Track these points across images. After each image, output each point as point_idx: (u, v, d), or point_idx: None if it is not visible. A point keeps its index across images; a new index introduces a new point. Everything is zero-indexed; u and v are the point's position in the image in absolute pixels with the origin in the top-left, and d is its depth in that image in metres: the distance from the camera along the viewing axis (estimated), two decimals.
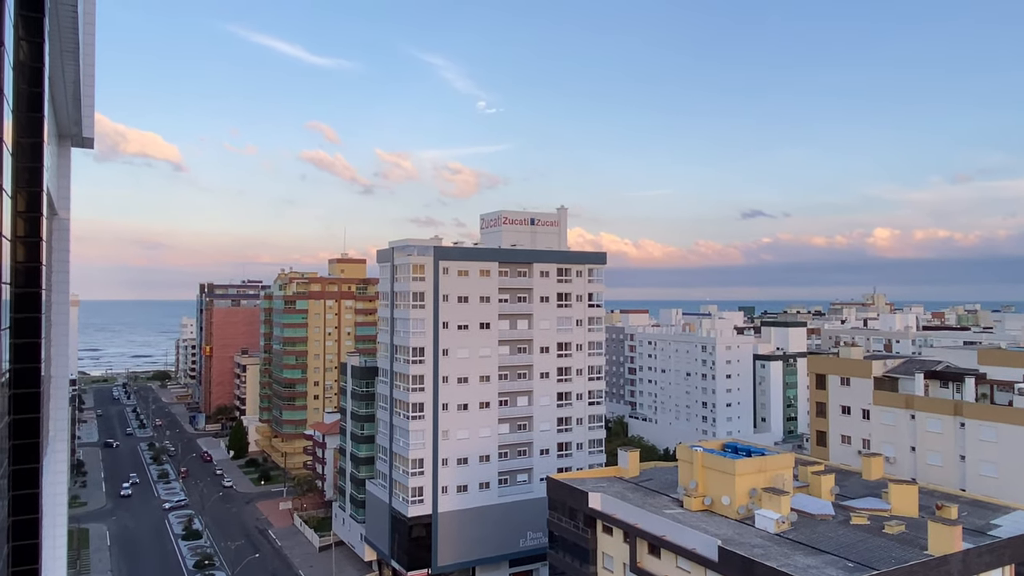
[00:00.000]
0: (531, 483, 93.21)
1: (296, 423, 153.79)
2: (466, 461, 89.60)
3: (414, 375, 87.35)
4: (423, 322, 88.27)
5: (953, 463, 65.68)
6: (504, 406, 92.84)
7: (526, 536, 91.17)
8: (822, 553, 46.03)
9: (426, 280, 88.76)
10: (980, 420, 63.62)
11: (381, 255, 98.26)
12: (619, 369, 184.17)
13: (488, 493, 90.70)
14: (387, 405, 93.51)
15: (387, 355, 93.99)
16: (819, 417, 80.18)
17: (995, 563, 46.57)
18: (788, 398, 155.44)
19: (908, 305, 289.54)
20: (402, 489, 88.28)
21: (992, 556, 46.39)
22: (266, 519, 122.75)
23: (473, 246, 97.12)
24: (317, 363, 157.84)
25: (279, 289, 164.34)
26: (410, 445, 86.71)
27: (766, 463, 56.51)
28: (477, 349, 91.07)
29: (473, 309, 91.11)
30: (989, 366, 71.36)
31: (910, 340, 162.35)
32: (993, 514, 53.93)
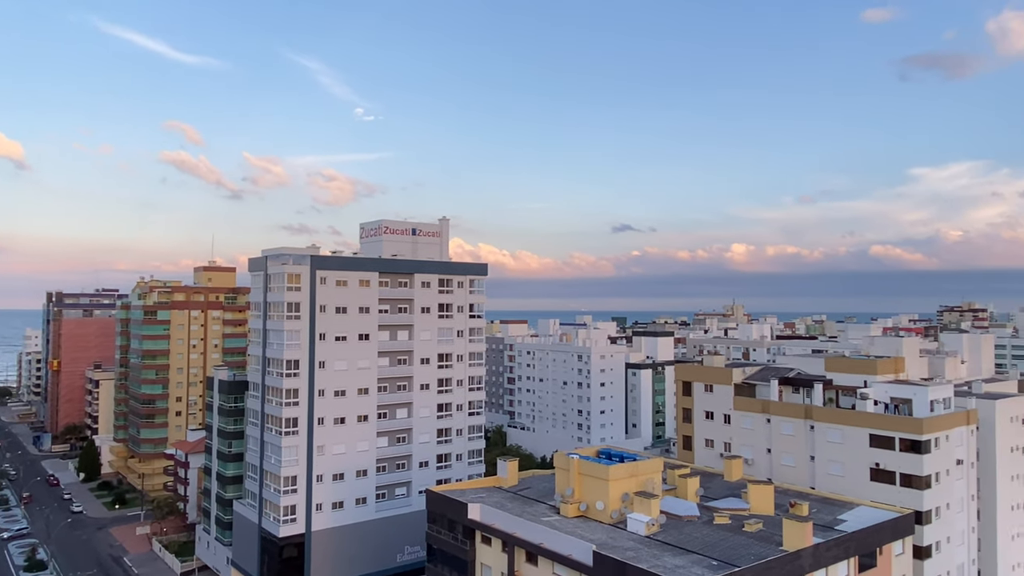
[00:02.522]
0: (410, 496, 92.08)
1: (156, 442, 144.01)
2: (342, 477, 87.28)
3: (288, 389, 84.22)
4: (298, 334, 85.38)
5: (804, 463, 70.95)
6: (383, 419, 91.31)
7: (404, 551, 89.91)
8: (689, 553, 48.38)
9: (302, 290, 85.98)
10: (827, 423, 69.15)
11: (253, 264, 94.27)
12: (498, 379, 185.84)
13: (365, 509, 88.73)
14: (258, 421, 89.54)
15: (259, 368, 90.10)
16: (685, 422, 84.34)
17: (842, 555, 50.72)
18: (657, 404, 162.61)
19: (763, 316, 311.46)
20: (273, 508, 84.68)
21: (839, 549, 50.50)
22: (121, 546, 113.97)
23: (352, 255, 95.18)
24: (180, 377, 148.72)
25: (138, 298, 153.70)
26: (282, 462, 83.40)
27: (637, 468, 58.77)
28: (356, 361, 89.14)
29: (352, 320, 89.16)
30: (835, 373, 77.67)
31: (765, 348, 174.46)
32: (839, 510, 58.74)
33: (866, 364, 75.98)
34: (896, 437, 63.49)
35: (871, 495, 63.52)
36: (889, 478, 63.62)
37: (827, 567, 49.39)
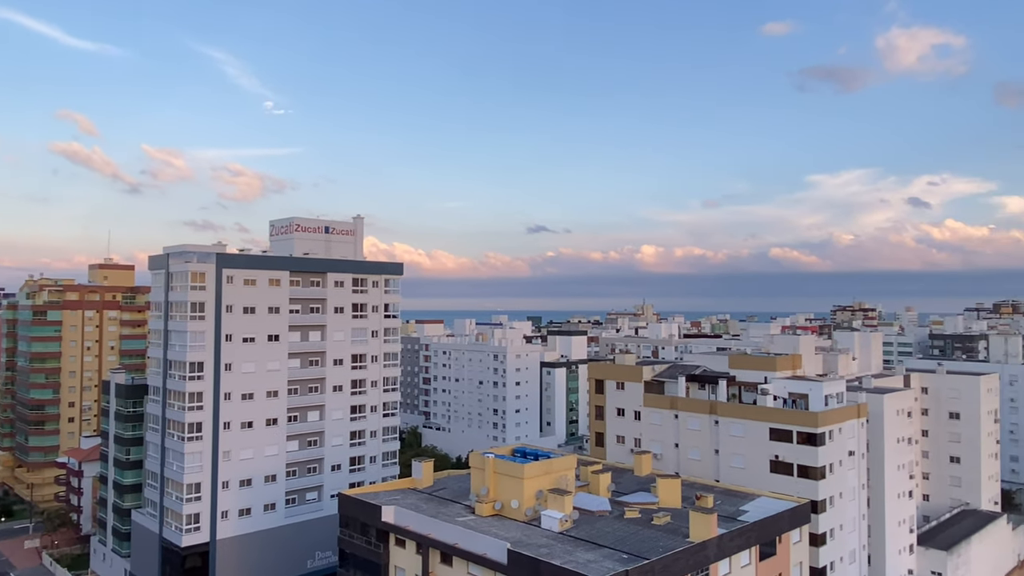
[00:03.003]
0: (321, 501, 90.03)
1: (46, 450, 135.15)
2: (250, 483, 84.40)
3: (191, 392, 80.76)
4: (203, 335, 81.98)
5: (709, 457, 73.74)
6: (293, 422, 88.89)
7: (315, 557, 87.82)
8: (601, 547, 49.40)
9: (207, 289, 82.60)
10: (731, 418, 72.12)
11: (154, 261, 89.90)
12: (414, 379, 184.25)
13: (274, 515, 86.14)
14: (159, 426, 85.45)
15: (160, 371, 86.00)
16: (598, 419, 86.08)
17: (744, 545, 52.99)
18: (571, 402, 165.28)
19: (672, 315, 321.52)
20: (175, 517, 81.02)
21: (742, 539, 52.73)
22: (7, 560, 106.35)
23: (262, 254, 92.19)
24: (73, 382, 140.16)
25: (26, 298, 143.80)
26: (185, 469, 79.89)
27: (551, 465, 59.55)
28: (264, 363, 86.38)
29: (261, 320, 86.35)
30: (738, 369, 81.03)
31: (674, 347, 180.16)
32: (742, 501, 61.33)
33: (766, 361, 79.60)
34: (794, 430, 66.86)
35: (771, 486, 66.64)
36: (787, 470, 66.93)
37: (730, 556, 51.49)
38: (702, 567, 49.25)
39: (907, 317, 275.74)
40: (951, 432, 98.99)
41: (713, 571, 50.07)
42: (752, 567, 53.65)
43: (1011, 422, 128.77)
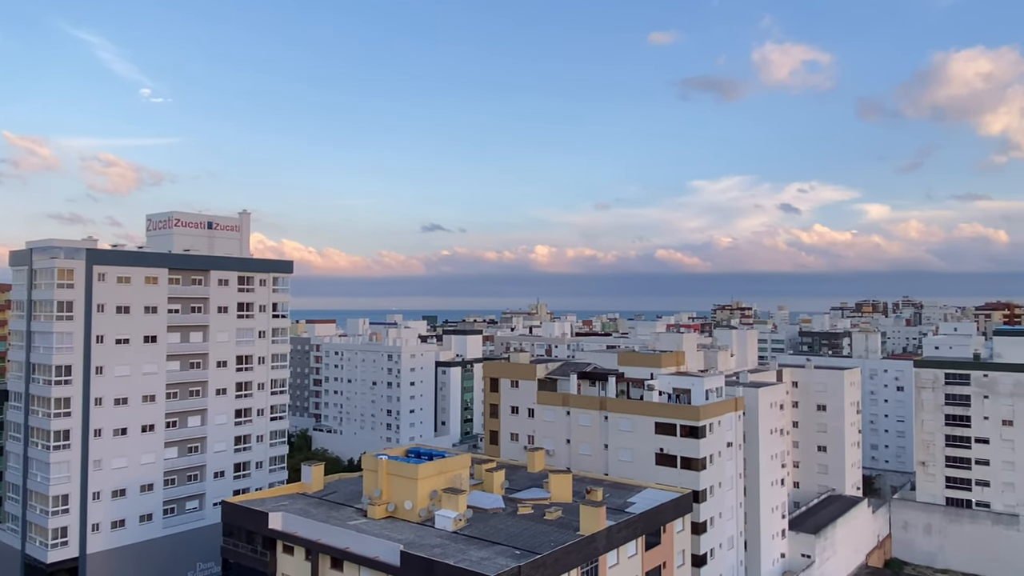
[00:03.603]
0: (203, 510, 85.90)
1: None
2: (124, 493, 79.38)
3: (57, 398, 75.06)
4: (70, 336, 76.36)
5: (599, 452, 75.87)
6: (173, 428, 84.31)
7: (196, 568, 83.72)
8: (494, 544, 49.83)
9: (76, 287, 76.98)
10: (619, 413, 74.48)
11: (15, 257, 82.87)
12: (304, 381, 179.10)
13: (151, 526, 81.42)
14: (20, 435, 78.90)
15: (21, 375, 79.40)
16: (492, 418, 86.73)
17: (631, 536, 54.91)
18: (466, 401, 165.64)
19: (565, 314, 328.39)
20: (40, 532, 75.08)
21: (629, 530, 54.61)
22: None
23: (138, 250, 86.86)
24: None
25: None
26: (51, 480, 74.18)
27: (445, 465, 59.49)
28: (140, 366, 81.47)
29: (136, 321, 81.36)
30: (626, 366, 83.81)
31: (566, 345, 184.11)
32: (629, 493, 63.50)
33: (653, 358, 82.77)
34: (677, 424, 69.89)
35: (657, 478, 69.36)
36: (671, 462, 69.89)
37: (618, 547, 53.24)
38: (591, 559, 50.66)
39: (780, 316, 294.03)
40: (818, 423, 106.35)
41: (602, 562, 51.61)
42: (638, 557, 55.66)
43: (871, 413, 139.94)
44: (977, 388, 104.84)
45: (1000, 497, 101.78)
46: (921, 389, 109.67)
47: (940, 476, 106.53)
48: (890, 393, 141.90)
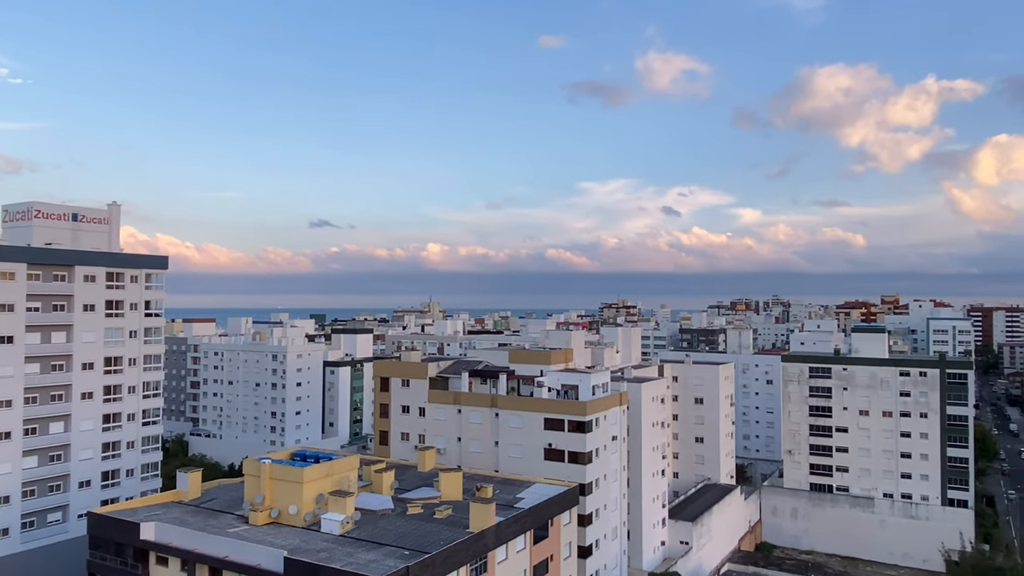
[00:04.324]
0: (67, 522, 79.89)
1: None
2: None
3: None
4: None
5: (490, 448, 76.51)
6: (32, 435, 77.89)
7: None
8: (383, 546, 49.22)
9: None
10: (510, 410, 75.40)
11: None
12: (180, 383, 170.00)
13: (8, 541, 74.89)
14: None
15: None
16: (383, 417, 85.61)
17: (520, 530, 55.69)
18: (355, 402, 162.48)
19: (457, 312, 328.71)
20: None
21: (518, 525, 55.36)
22: None
23: None
24: None
25: None
26: None
27: (333, 467, 58.15)
28: None
29: None
30: (517, 364, 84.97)
31: (458, 343, 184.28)
32: (519, 489, 64.39)
33: (543, 355, 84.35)
34: (565, 419, 71.55)
35: (545, 473, 70.74)
36: (559, 456, 71.48)
37: (507, 542, 53.88)
38: (480, 555, 51.01)
39: (662, 313, 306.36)
40: (696, 415, 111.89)
41: (491, 558, 52.07)
42: (527, 551, 56.57)
43: (743, 405, 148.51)
44: (837, 381, 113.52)
45: (857, 482, 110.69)
46: (788, 382, 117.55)
47: (805, 464, 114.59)
48: (761, 386, 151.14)
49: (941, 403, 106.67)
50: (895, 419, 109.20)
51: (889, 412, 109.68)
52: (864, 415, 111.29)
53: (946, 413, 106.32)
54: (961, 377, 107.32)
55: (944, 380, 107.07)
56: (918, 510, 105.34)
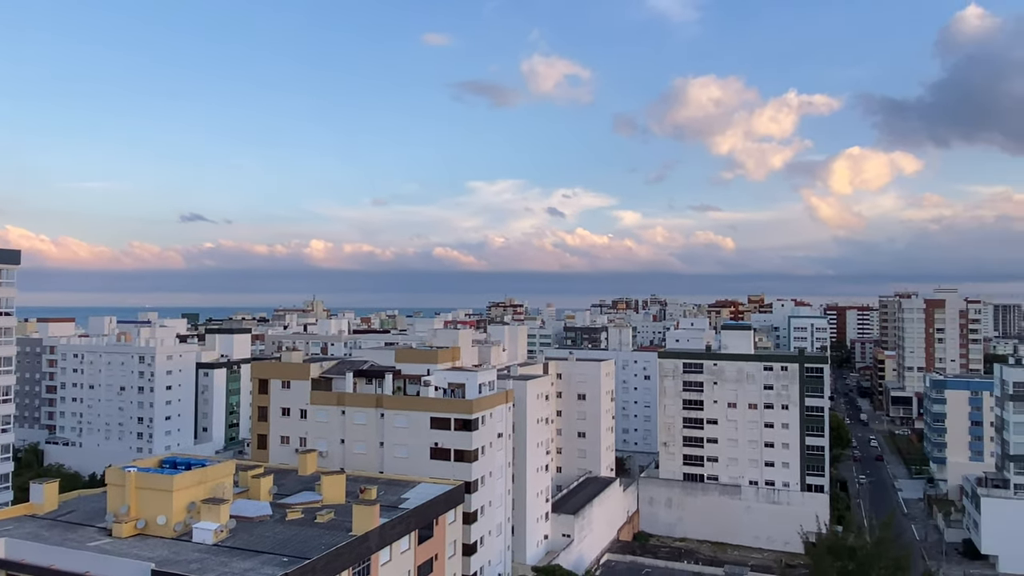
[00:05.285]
0: None
1: None
2: None
3: None
4: None
5: (375, 449, 75.43)
6: None
7: None
8: (260, 554, 47.48)
9: None
10: (395, 410, 74.65)
11: None
12: (34, 388, 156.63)
13: None
14: None
15: None
16: (261, 421, 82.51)
17: (405, 531, 55.27)
18: (231, 405, 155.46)
19: (342, 311, 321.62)
20: None
21: (402, 526, 54.93)
22: None
23: None
24: None
25: None
26: None
27: (206, 474, 55.48)
28: None
29: None
30: (404, 363, 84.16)
31: (343, 343, 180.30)
32: (404, 489, 63.87)
33: (430, 354, 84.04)
34: (452, 418, 71.68)
35: (431, 472, 70.58)
36: (445, 455, 71.53)
37: (391, 544, 53.36)
38: (363, 558, 50.24)
39: (548, 312, 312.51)
40: (579, 411, 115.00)
41: (374, 561, 51.40)
42: (411, 551, 56.24)
43: (623, 400, 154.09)
44: (708, 376, 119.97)
45: (726, 471, 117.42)
46: (664, 377, 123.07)
47: (679, 455, 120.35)
48: (639, 382, 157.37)
49: (800, 395, 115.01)
50: (760, 411, 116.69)
51: (755, 404, 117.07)
52: (732, 407, 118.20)
53: (805, 405, 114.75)
54: (818, 371, 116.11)
55: (803, 374, 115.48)
56: (780, 496, 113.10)
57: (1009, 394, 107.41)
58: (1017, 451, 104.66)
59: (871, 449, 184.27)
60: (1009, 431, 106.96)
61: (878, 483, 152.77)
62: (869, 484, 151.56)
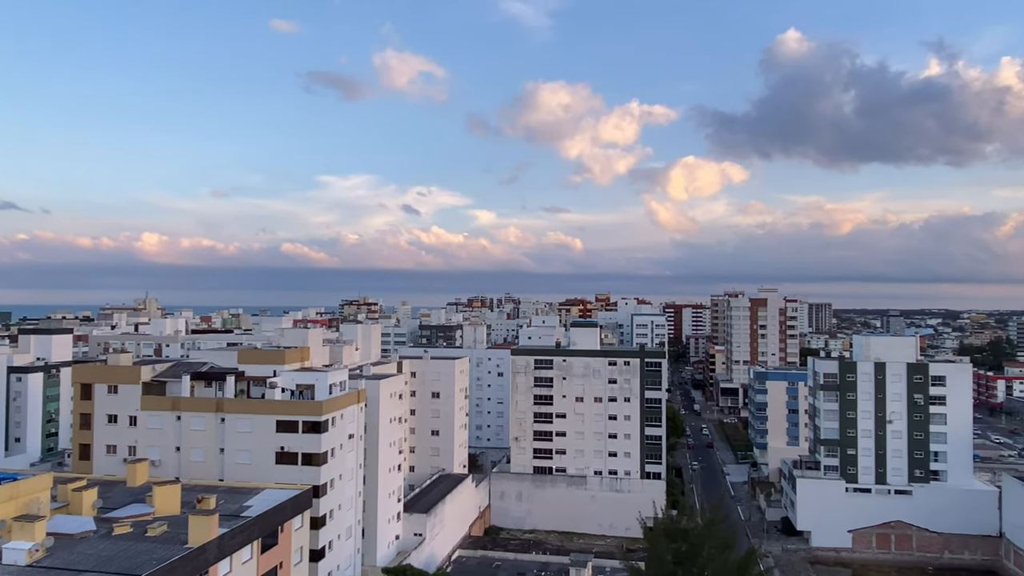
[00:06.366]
0: None
1: None
2: None
3: None
4: None
5: (215, 456, 71.40)
6: None
7: None
8: (82, 573, 43.65)
9: None
10: (238, 414, 71.05)
11: None
12: None
13: None
14: None
15: None
16: (84, 429, 75.69)
17: (246, 540, 52.80)
18: (49, 413, 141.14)
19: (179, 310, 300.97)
20: None
21: (244, 535, 52.44)
22: None
23: None
24: None
25: None
26: None
27: (18, 489, 50.26)
28: None
29: None
30: (248, 364, 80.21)
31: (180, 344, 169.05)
32: (247, 496, 60.97)
33: (276, 355, 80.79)
34: (299, 420, 69.36)
35: (277, 477, 67.92)
36: (293, 459, 69.12)
37: (232, 554, 50.84)
38: (201, 571, 47.52)
39: (403, 310, 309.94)
40: (433, 409, 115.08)
41: (213, 572, 48.76)
42: (254, 561, 53.89)
43: (477, 397, 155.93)
44: (558, 371, 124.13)
45: (573, 463, 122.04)
46: (516, 374, 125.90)
47: (530, 449, 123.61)
48: (493, 379, 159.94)
49: (641, 388, 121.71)
50: (604, 404, 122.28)
51: (600, 398, 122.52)
52: (580, 401, 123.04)
53: (645, 397, 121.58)
54: (657, 365, 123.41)
55: (644, 368, 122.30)
56: (622, 484, 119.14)
57: (820, 384, 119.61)
58: (827, 435, 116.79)
59: (703, 437, 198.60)
60: (820, 418, 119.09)
61: (709, 468, 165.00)
62: (701, 470, 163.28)
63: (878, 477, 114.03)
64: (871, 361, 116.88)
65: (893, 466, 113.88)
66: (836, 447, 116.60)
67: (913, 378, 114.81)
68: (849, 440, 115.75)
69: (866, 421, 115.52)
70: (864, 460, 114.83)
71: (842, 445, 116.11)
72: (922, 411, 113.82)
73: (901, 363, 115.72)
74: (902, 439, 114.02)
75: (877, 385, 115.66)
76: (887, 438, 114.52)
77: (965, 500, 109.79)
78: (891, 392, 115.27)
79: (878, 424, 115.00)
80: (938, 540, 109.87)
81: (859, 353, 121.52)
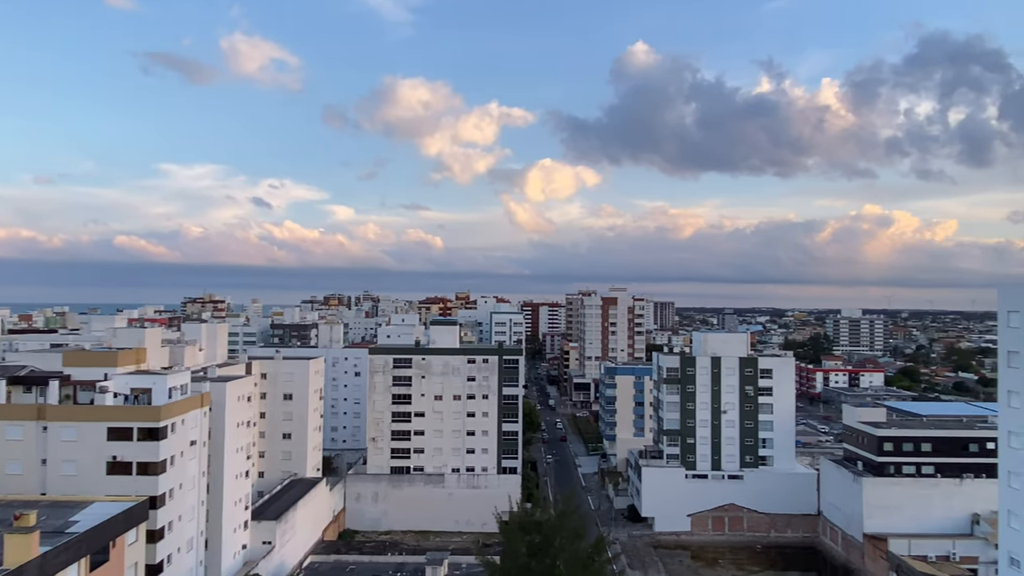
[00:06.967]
0: None
1: None
2: None
3: None
4: None
5: (35, 468, 64.90)
6: None
7: None
8: None
9: None
10: (63, 421, 65.00)
11: None
12: None
13: None
14: None
15: None
16: None
17: (72, 559, 48.42)
18: None
19: None
20: None
21: (69, 553, 48.06)
22: None
23: None
24: None
25: None
26: None
27: None
28: None
29: None
30: (74, 367, 73.69)
31: None
32: (73, 511, 55.92)
33: (108, 356, 74.84)
34: (134, 427, 64.60)
35: (108, 489, 62.84)
36: (127, 469, 64.25)
37: (56, 575, 46.53)
38: None
39: (253, 308, 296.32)
40: (285, 412, 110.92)
41: None
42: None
43: (332, 398, 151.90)
44: (417, 370, 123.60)
45: (431, 461, 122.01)
46: (374, 373, 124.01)
47: (387, 449, 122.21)
48: (350, 379, 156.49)
49: (499, 385, 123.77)
50: (463, 401, 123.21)
51: (459, 395, 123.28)
52: (439, 400, 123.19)
53: (502, 394, 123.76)
54: (514, 362, 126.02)
55: (502, 365, 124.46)
56: (479, 480, 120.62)
57: (663, 378, 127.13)
58: (669, 426, 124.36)
59: (557, 431, 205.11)
60: (663, 409, 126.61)
61: (562, 461, 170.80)
62: (555, 463, 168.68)
63: (714, 464, 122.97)
64: (708, 356, 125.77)
65: (727, 453, 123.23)
66: (677, 437, 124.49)
67: (744, 371, 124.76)
68: (689, 430, 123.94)
69: (704, 412, 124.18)
70: (702, 448, 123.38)
71: (683, 435, 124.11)
72: (752, 401, 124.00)
73: (734, 357, 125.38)
74: (735, 428, 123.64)
75: (713, 378, 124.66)
76: (722, 427, 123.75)
77: (789, 483, 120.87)
78: (725, 384, 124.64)
79: (714, 414, 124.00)
80: (766, 520, 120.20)
81: (698, 348, 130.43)
